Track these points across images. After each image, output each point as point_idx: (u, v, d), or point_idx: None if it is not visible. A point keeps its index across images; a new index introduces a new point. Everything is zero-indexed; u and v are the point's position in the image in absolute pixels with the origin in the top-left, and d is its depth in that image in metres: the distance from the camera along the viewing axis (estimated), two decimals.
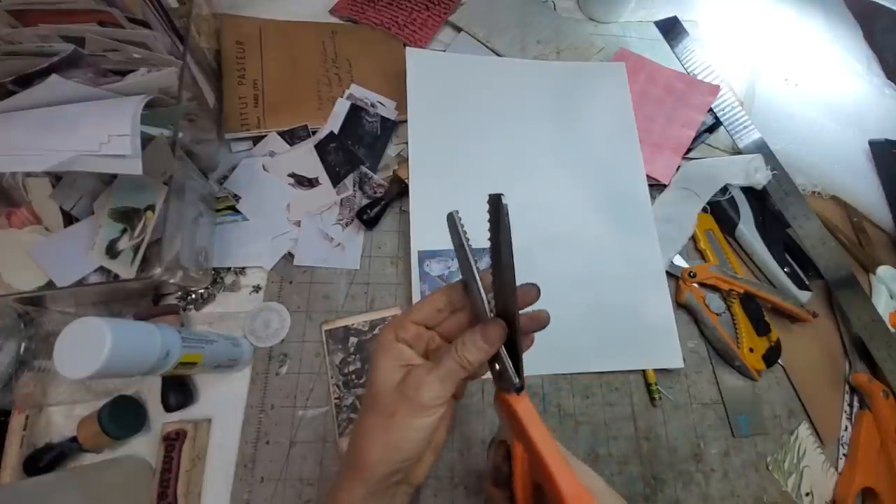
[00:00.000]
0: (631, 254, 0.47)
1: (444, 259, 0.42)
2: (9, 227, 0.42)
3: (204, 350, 0.35)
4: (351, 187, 0.50)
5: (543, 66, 0.56)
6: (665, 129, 0.57)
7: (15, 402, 0.39)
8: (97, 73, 0.41)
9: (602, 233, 0.48)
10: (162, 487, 0.37)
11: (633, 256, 0.47)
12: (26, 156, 0.34)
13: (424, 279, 0.41)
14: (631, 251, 0.47)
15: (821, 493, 0.43)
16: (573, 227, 0.47)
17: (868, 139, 0.63)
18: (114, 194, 0.41)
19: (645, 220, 0.49)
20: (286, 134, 0.52)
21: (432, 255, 0.41)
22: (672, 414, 0.44)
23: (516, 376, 0.26)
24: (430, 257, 0.41)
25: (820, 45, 0.71)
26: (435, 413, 0.26)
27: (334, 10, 0.62)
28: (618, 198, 0.50)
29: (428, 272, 0.41)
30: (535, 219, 0.47)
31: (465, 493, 0.40)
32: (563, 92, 0.54)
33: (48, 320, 0.39)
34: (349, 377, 0.42)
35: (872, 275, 0.53)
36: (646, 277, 0.46)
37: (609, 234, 0.48)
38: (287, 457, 0.40)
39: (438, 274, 0.41)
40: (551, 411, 0.43)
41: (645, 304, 0.45)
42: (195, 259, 0.43)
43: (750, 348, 0.46)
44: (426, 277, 0.41)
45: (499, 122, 0.50)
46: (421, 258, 0.41)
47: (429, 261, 0.41)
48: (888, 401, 0.45)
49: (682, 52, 0.65)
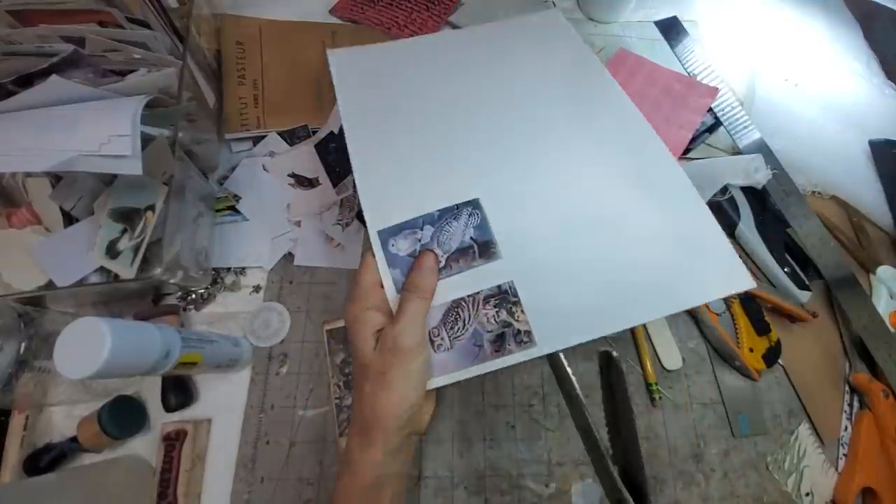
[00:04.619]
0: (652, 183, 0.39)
1: (412, 231, 0.35)
2: (9, 227, 0.42)
3: (204, 350, 0.35)
4: (351, 187, 0.50)
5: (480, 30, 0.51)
6: (662, 130, 0.56)
7: (15, 402, 0.39)
8: (97, 73, 0.41)
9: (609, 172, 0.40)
10: (162, 487, 0.37)
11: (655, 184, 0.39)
12: (26, 156, 0.34)
13: (394, 263, 0.33)
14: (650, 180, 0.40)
15: (821, 493, 0.43)
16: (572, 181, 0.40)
17: (868, 139, 0.63)
18: (114, 194, 0.41)
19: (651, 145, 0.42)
20: (286, 134, 0.52)
21: (395, 231, 0.35)
22: (672, 414, 0.44)
23: None
24: (393, 234, 0.34)
25: (820, 45, 0.71)
26: (419, 354, 0.29)
27: (334, 10, 0.62)
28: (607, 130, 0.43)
29: (396, 253, 0.34)
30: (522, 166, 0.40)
31: (465, 493, 0.40)
32: (502, 52, 0.48)
33: (48, 320, 0.39)
34: (350, 377, 0.42)
35: (872, 275, 0.53)
36: (677, 201, 0.38)
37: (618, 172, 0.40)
38: (287, 457, 0.40)
39: (408, 252, 0.34)
40: (551, 411, 0.43)
41: (686, 230, 0.37)
42: (195, 259, 0.43)
43: (750, 348, 0.46)
44: (395, 261, 0.34)
45: (444, 102, 0.44)
46: (383, 239, 0.34)
47: (393, 239, 0.34)
48: (888, 401, 0.45)
49: (681, 52, 0.65)
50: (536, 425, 0.43)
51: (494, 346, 0.32)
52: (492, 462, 0.41)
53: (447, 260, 0.34)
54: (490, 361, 0.31)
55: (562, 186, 0.39)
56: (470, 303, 0.33)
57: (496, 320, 0.32)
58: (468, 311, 0.33)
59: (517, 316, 0.32)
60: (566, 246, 0.35)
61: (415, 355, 0.29)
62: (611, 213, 0.38)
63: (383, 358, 0.28)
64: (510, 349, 0.31)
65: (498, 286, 0.33)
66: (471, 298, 0.33)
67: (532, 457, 0.42)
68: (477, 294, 0.33)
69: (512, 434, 0.42)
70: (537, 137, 0.42)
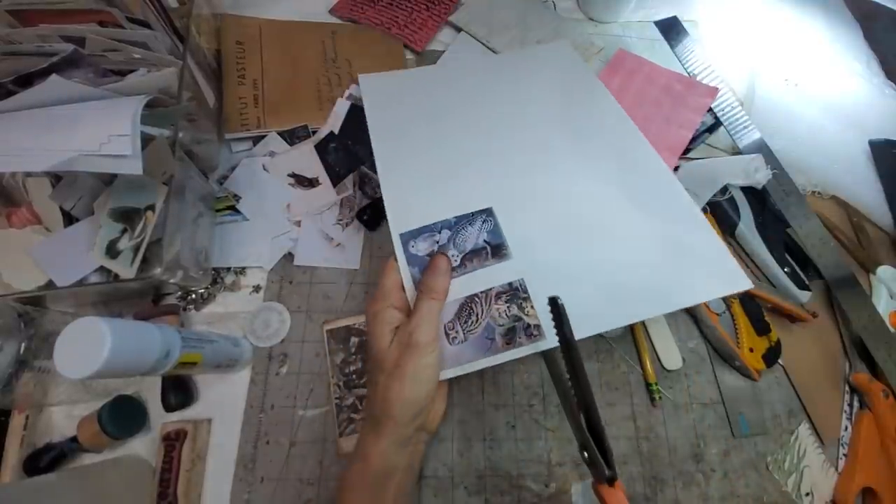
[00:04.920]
0: (648, 193, 0.43)
1: (430, 234, 0.38)
2: (9, 227, 0.42)
3: (204, 350, 0.35)
4: (351, 187, 0.50)
5: (492, 60, 0.58)
6: (662, 129, 0.57)
7: (15, 402, 0.39)
8: (97, 73, 0.41)
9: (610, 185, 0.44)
10: (162, 487, 0.37)
11: (651, 194, 0.43)
12: (26, 156, 0.34)
13: (413, 262, 0.37)
14: (646, 190, 0.43)
15: (821, 493, 0.43)
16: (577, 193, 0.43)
17: (868, 139, 0.63)
18: (114, 194, 0.41)
19: (647, 159, 0.45)
20: (286, 134, 0.52)
21: (416, 234, 0.38)
22: (672, 414, 0.44)
23: (607, 467, 0.28)
24: (413, 237, 0.38)
25: (820, 45, 0.71)
26: (433, 350, 0.31)
27: (334, 10, 0.62)
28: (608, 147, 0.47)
29: (416, 253, 0.37)
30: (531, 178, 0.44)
31: (465, 493, 0.40)
32: (515, 79, 0.54)
33: (48, 320, 0.39)
34: (350, 377, 0.42)
35: (872, 275, 0.53)
36: (672, 210, 0.42)
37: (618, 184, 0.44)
38: (287, 457, 0.40)
39: (427, 252, 0.37)
40: (551, 412, 0.43)
41: (682, 235, 0.40)
42: (195, 259, 0.43)
43: (750, 348, 0.46)
44: (414, 260, 0.37)
45: (462, 122, 0.49)
46: (404, 241, 0.38)
47: (413, 241, 0.38)
48: (888, 401, 0.45)
49: (681, 52, 0.65)
50: (536, 425, 0.43)
51: (506, 339, 0.34)
52: (492, 462, 0.41)
53: (462, 259, 0.37)
54: (501, 353, 0.33)
55: (567, 198, 0.42)
56: (483, 298, 0.35)
57: (507, 315, 0.34)
58: (481, 306, 0.35)
59: (527, 311, 0.35)
60: (571, 250, 0.38)
61: (428, 350, 0.31)
62: (611, 222, 0.41)
63: (399, 351, 0.31)
64: (520, 342, 0.33)
65: (509, 283, 0.36)
66: (484, 294, 0.35)
67: (532, 457, 0.42)
68: (489, 290, 0.35)
69: (512, 434, 0.42)
70: (545, 154, 0.46)
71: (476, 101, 0.51)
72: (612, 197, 0.42)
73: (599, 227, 0.40)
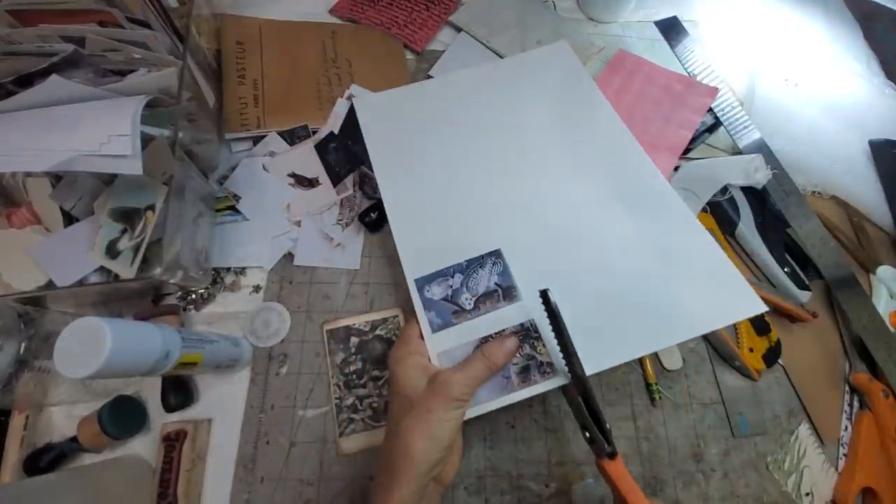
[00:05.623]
0: (653, 214, 0.43)
1: (444, 278, 0.39)
2: (9, 227, 0.42)
3: (204, 350, 0.35)
4: (351, 187, 0.50)
5: (488, 70, 0.55)
6: (662, 129, 0.57)
7: (15, 402, 0.39)
8: (97, 73, 0.41)
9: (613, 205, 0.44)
10: (162, 487, 0.37)
11: (656, 216, 0.43)
12: (26, 156, 0.34)
13: (429, 306, 0.38)
14: (652, 212, 0.43)
15: (821, 493, 0.43)
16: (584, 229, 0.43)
17: (868, 139, 0.63)
18: (114, 194, 0.41)
19: (651, 178, 0.45)
20: (286, 134, 0.52)
21: (430, 279, 0.39)
22: (672, 414, 0.44)
23: (606, 443, 0.30)
24: (428, 282, 0.39)
25: (820, 45, 0.71)
26: (464, 405, 0.31)
27: (334, 10, 0.62)
28: (609, 161, 0.47)
29: (431, 298, 0.38)
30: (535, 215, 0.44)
31: (465, 494, 0.40)
32: (512, 85, 0.53)
33: (48, 320, 0.39)
34: (350, 377, 0.42)
35: (872, 275, 0.53)
36: (681, 233, 0.42)
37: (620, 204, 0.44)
38: (287, 457, 0.40)
39: (442, 297, 0.38)
40: (551, 412, 0.43)
41: (698, 267, 0.40)
42: (195, 259, 0.43)
43: (750, 348, 0.46)
44: (430, 304, 0.38)
45: (465, 136, 0.49)
46: (419, 286, 0.39)
47: (428, 286, 0.39)
48: (888, 401, 0.45)
49: (681, 52, 0.65)
50: (536, 425, 0.43)
51: (521, 378, 0.35)
52: (492, 462, 0.41)
53: (476, 302, 0.38)
54: (517, 392, 0.34)
55: (574, 235, 0.43)
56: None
57: (521, 354, 0.35)
58: None
59: (539, 350, 0.36)
60: (579, 289, 0.39)
61: (460, 404, 0.31)
62: (620, 256, 0.41)
63: (432, 397, 0.31)
64: (535, 379, 0.35)
65: (521, 324, 0.37)
66: (497, 335, 0.36)
67: (532, 457, 0.42)
68: (503, 332, 0.36)
69: (512, 434, 0.42)
70: (547, 182, 0.46)
71: (472, 121, 0.50)
72: (620, 231, 0.43)
73: (606, 261, 0.41)
